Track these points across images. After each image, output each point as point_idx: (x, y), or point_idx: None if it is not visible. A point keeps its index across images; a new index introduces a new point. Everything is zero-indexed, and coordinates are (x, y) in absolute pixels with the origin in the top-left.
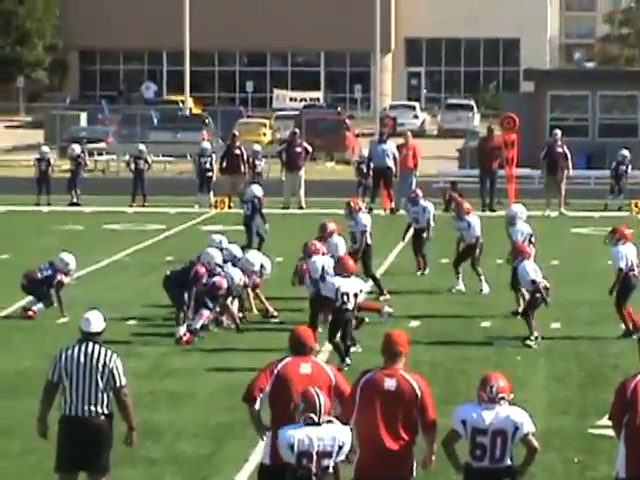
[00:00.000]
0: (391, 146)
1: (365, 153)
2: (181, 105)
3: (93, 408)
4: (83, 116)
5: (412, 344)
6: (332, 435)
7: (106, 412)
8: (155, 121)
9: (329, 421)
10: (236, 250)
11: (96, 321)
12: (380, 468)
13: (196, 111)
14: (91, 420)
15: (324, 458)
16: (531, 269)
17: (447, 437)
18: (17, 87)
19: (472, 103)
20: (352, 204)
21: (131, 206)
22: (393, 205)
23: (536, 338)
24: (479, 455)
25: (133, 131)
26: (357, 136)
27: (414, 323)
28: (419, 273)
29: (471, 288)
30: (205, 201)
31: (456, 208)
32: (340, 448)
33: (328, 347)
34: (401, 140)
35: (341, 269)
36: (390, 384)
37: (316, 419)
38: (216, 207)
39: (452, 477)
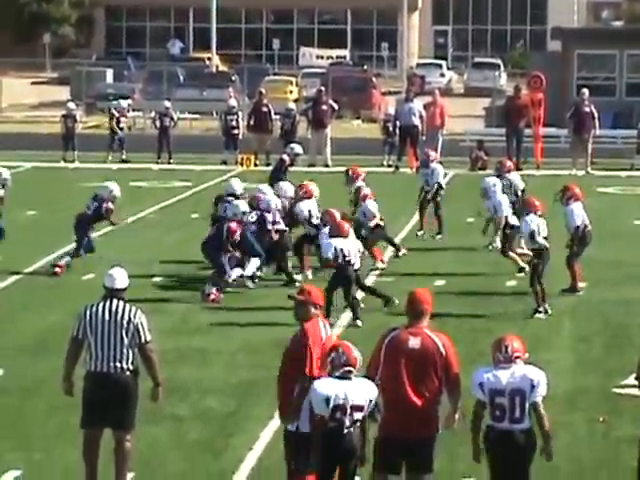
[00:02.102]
0: (418, 104)
1: (391, 111)
2: (207, 62)
3: (118, 364)
4: (109, 73)
5: (437, 303)
6: (364, 389)
7: (131, 368)
8: (181, 78)
9: (358, 375)
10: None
11: (120, 277)
12: (405, 426)
13: (222, 68)
14: (116, 376)
15: (356, 411)
16: (535, 224)
17: (473, 413)
18: (43, 43)
19: (499, 62)
20: (350, 172)
21: (157, 163)
22: (419, 164)
23: (545, 311)
24: (499, 416)
25: (159, 88)
26: (384, 94)
27: (439, 282)
28: (420, 233)
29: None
30: (231, 158)
31: (498, 165)
32: (370, 402)
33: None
34: (429, 99)
35: (337, 231)
36: (414, 342)
37: (353, 373)
38: (242, 164)
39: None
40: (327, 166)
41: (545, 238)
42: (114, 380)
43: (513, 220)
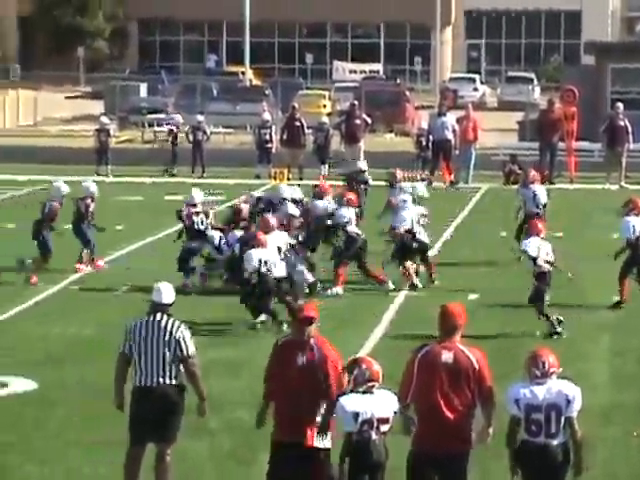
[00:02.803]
0: (450, 119)
1: (424, 125)
2: (241, 76)
3: (161, 379)
4: (143, 86)
5: (470, 317)
6: (387, 401)
7: (175, 382)
8: (215, 92)
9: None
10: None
11: (167, 293)
12: (438, 440)
13: (256, 82)
14: (160, 390)
15: (383, 424)
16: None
17: (509, 428)
18: (77, 57)
19: (532, 76)
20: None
21: (191, 177)
22: (452, 177)
23: (559, 322)
24: (535, 431)
25: (193, 102)
26: (417, 108)
27: (472, 296)
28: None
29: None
30: (264, 172)
31: (523, 175)
32: (395, 413)
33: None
34: (462, 113)
35: (254, 242)
36: (447, 357)
37: (374, 389)
38: (275, 178)
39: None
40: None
41: (548, 262)
42: (158, 394)
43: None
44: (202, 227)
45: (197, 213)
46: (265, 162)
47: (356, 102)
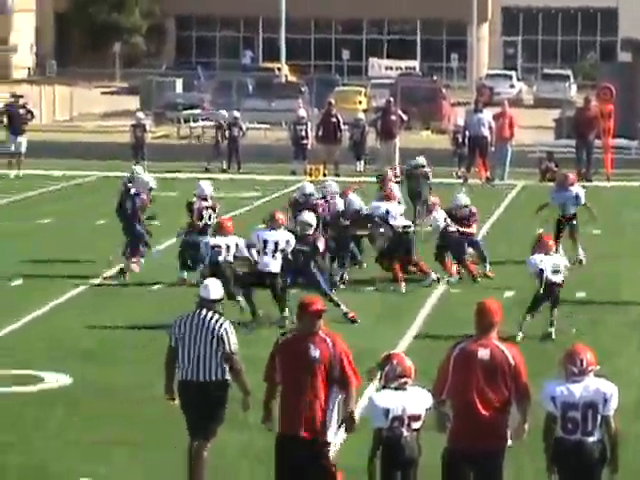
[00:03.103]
0: (487, 115)
1: (461, 122)
2: (277, 73)
3: (203, 375)
4: (179, 82)
5: (506, 315)
6: (420, 399)
7: (216, 379)
8: (250, 88)
9: (414, 385)
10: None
11: (214, 289)
12: (474, 437)
13: (292, 79)
14: (202, 385)
15: (414, 421)
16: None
17: (545, 426)
18: (114, 53)
19: (569, 73)
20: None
21: (225, 172)
22: (488, 174)
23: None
24: (571, 429)
25: (228, 98)
26: (453, 105)
27: (508, 293)
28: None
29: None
30: (300, 169)
31: (562, 177)
32: (427, 410)
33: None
34: (498, 109)
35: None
36: (483, 353)
37: (407, 385)
38: (311, 175)
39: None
40: (397, 176)
41: (556, 272)
42: (199, 390)
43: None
44: (209, 222)
45: (207, 208)
46: (301, 158)
47: (392, 99)
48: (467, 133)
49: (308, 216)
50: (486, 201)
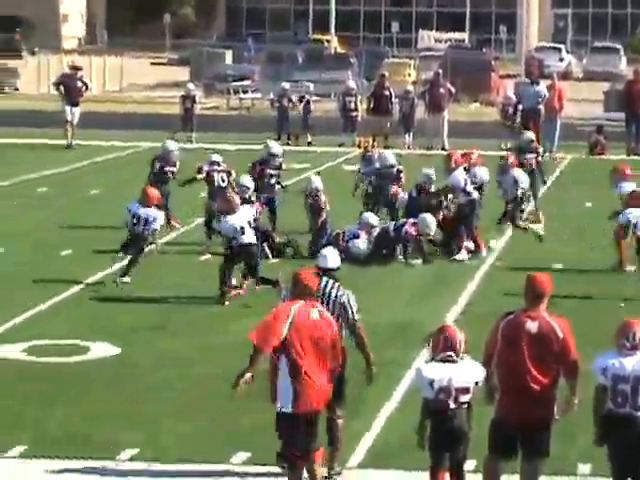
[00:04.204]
0: (543, 88)
1: (510, 95)
2: (326, 44)
3: None
4: (229, 54)
5: (555, 287)
6: (469, 371)
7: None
8: (300, 60)
9: (464, 358)
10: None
11: (332, 258)
12: (522, 408)
13: (341, 51)
14: None
15: (461, 394)
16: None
17: (595, 398)
18: (163, 24)
19: (619, 46)
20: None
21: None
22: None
23: None
24: (620, 402)
25: (278, 70)
26: (502, 77)
27: (557, 265)
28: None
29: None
30: (349, 141)
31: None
32: (476, 384)
33: None
34: (547, 82)
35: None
36: (532, 326)
37: (455, 357)
38: (359, 147)
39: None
40: (444, 149)
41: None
42: None
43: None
44: (223, 184)
45: (218, 171)
46: (349, 130)
47: (440, 71)
48: (520, 105)
49: (246, 180)
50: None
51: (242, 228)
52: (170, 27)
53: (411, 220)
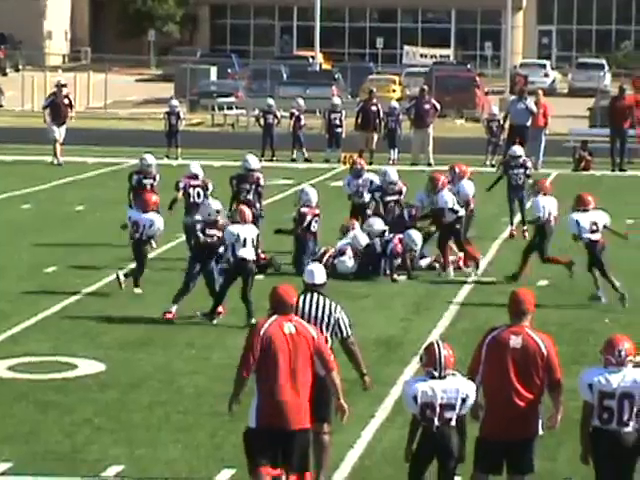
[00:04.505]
0: (531, 104)
1: (495, 111)
2: (311, 60)
3: None
4: (213, 70)
5: (540, 303)
6: (456, 387)
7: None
8: (284, 76)
9: (452, 374)
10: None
11: (319, 273)
12: (506, 425)
13: (326, 67)
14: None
15: (447, 410)
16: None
17: (582, 415)
18: (148, 41)
19: (603, 62)
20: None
21: (260, 160)
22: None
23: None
24: (606, 418)
25: (263, 86)
26: (487, 94)
27: (542, 282)
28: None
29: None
30: (334, 157)
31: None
32: (464, 401)
33: None
34: (532, 98)
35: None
36: (516, 342)
37: (436, 373)
38: (345, 163)
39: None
40: (430, 165)
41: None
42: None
43: None
44: (198, 200)
45: (194, 186)
46: (335, 146)
47: (426, 87)
48: (508, 121)
49: (214, 203)
50: None
51: (244, 240)
52: (155, 44)
53: (398, 236)
